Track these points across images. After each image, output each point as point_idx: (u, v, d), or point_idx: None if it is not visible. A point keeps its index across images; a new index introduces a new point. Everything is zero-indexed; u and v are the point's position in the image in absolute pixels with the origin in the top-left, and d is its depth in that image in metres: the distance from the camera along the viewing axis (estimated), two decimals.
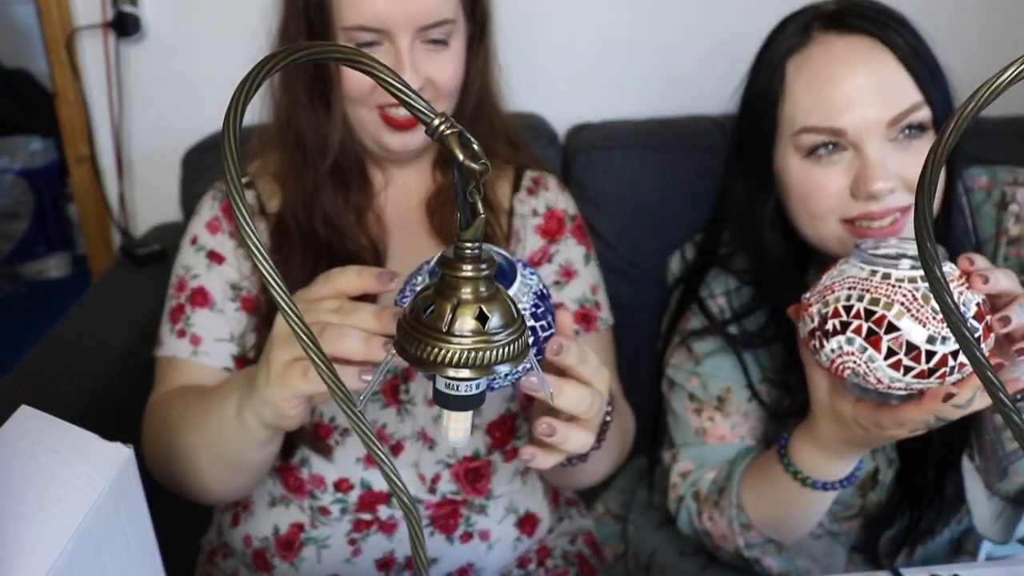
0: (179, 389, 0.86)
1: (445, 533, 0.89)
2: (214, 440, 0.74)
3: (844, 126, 0.72)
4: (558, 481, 0.94)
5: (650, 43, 1.50)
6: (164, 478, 0.84)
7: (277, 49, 0.41)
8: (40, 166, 3.08)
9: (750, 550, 0.86)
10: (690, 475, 0.90)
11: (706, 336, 0.90)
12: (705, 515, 0.88)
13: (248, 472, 0.79)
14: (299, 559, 0.88)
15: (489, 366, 0.47)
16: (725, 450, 0.89)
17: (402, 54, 0.81)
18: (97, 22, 1.44)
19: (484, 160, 0.40)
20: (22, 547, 0.44)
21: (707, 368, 0.90)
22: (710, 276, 0.92)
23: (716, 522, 0.87)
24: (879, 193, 0.72)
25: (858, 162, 0.73)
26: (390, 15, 0.80)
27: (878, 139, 0.73)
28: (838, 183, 0.74)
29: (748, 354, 0.88)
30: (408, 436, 0.88)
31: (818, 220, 0.77)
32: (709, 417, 0.89)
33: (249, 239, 0.36)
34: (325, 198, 0.88)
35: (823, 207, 0.76)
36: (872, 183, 0.71)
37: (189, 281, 0.90)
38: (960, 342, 0.28)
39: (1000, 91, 0.28)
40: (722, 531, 0.86)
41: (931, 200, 0.29)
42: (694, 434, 0.90)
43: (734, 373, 0.88)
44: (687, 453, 0.90)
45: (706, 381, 0.90)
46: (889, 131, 0.73)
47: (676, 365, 0.93)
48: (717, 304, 0.91)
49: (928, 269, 0.27)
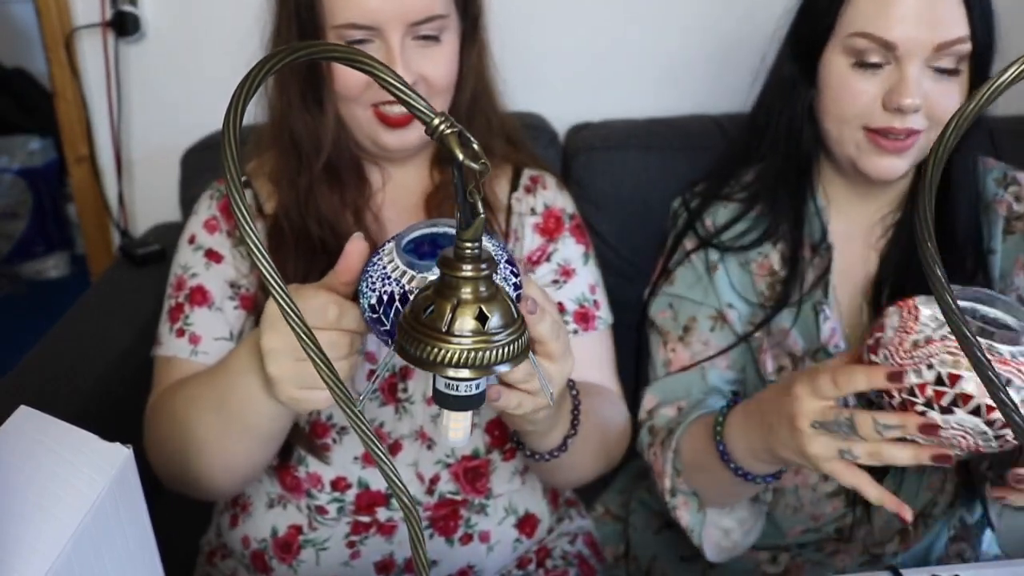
0: (174, 385, 0.85)
1: (445, 535, 0.89)
2: (233, 413, 0.74)
3: (896, 40, 0.79)
4: (549, 478, 0.94)
5: (651, 43, 1.50)
6: (172, 475, 0.84)
7: (273, 50, 0.41)
8: (39, 166, 3.08)
9: (673, 497, 0.88)
10: (655, 410, 0.94)
11: (689, 257, 0.96)
12: (652, 448, 0.91)
13: (268, 443, 0.79)
14: (298, 561, 0.88)
15: (489, 366, 0.47)
16: (684, 380, 0.93)
17: (393, 51, 0.81)
18: (96, 21, 1.43)
19: (484, 160, 0.40)
20: (21, 547, 0.44)
21: (678, 287, 0.96)
22: (706, 211, 0.98)
23: (657, 458, 0.90)
24: (908, 108, 0.79)
25: (896, 76, 0.80)
26: (380, 11, 0.80)
27: (920, 61, 0.79)
28: (872, 92, 0.82)
29: (721, 271, 0.94)
30: (406, 435, 0.88)
31: (844, 123, 0.84)
32: (672, 349, 0.95)
33: (249, 239, 0.36)
34: (320, 197, 0.88)
35: (853, 111, 0.83)
36: (905, 97, 0.79)
37: (188, 280, 0.90)
38: (959, 339, 0.28)
39: (1001, 91, 0.28)
40: (659, 468, 0.90)
41: (931, 200, 0.29)
42: (661, 366, 0.96)
43: (702, 300, 0.94)
44: (653, 388, 0.96)
45: (677, 309, 0.96)
46: (932, 56, 0.79)
47: (655, 298, 0.99)
48: (705, 227, 0.97)
49: (930, 269, 0.27)
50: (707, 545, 0.87)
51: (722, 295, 0.94)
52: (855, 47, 0.82)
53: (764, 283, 0.93)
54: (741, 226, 0.94)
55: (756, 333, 0.92)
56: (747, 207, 0.95)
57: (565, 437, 0.77)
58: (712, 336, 0.94)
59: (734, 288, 0.94)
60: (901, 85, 0.79)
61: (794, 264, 0.90)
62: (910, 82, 0.79)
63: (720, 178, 0.99)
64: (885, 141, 0.82)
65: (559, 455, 0.77)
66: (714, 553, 0.88)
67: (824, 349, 0.90)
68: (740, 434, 0.79)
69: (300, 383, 0.64)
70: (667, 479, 0.88)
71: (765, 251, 0.93)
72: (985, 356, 0.27)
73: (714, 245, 0.94)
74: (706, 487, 0.87)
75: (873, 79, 0.82)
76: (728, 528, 0.88)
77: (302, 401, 0.65)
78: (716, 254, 0.94)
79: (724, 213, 0.96)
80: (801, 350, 0.91)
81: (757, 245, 0.93)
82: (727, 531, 0.88)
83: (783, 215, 0.92)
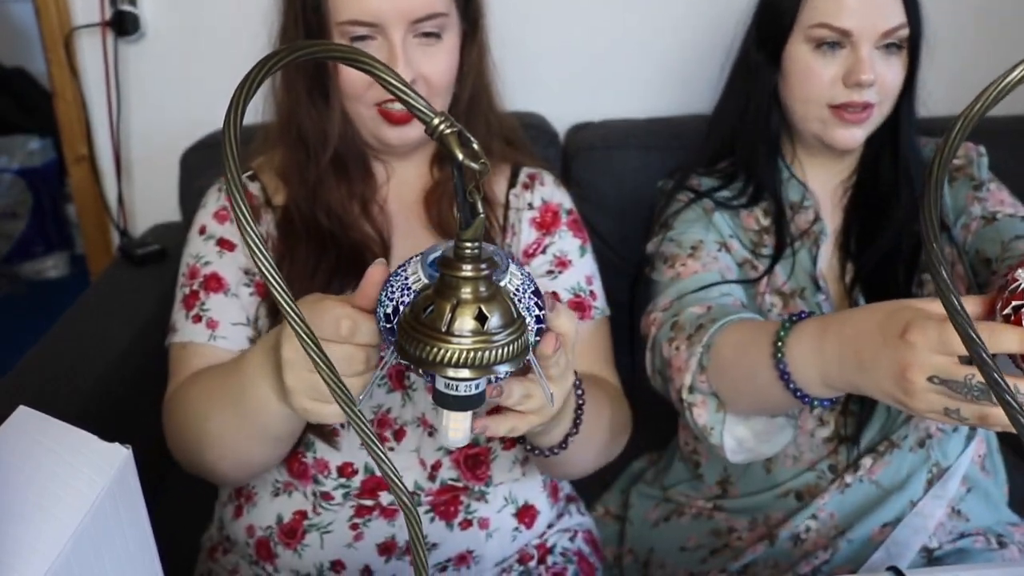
0: (193, 375, 0.86)
1: (445, 519, 0.89)
2: (247, 413, 0.74)
3: (850, 28, 0.94)
4: (548, 471, 0.94)
5: (651, 43, 1.50)
6: (189, 461, 0.85)
7: (274, 49, 0.41)
8: (38, 166, 3.08)
9: (692, 394, 0.87)
10: (670, 307, 0.96)
11: (688, 206, 1.05)
12: (675, 342, 0.90)
13: (281, 442, 0.80)
14: (302, 546, 0.89)
15: (489, 366, 0.47)
16: (700, 279, 0.97)
17: (395, 48, 0.82)
18: (96, 21, 1.43)
19: (484, 159, 0.40)
20: (21, 547, 0.44)
21: (679, 228, 1.04)
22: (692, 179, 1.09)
23: (679, 352, 0.89)
24: (865, 83, 0.94)
25: (852, 58, 0.95)
26: (383, 9, 0.81)
27: (870, 43, 0.94)
28: (832, 72, 0.96)
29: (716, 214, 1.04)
30: (410, 422, 0.88)
31: (810, 102, 0.98)
32: (683, 264, 1.00)
33: (250, 239, 0.36)
34: (328, 190, 0.90)
35: (816, 91, 0.97)
36: (862, 73, 0.93)
37: (201, 268, 0.91)
38: (962, 337, 0.28)
39: (1007, 92, 0.28)
40: (680, 363, 0.88)
41: (937, 199, 0.29)
42: (669, 280, 0.99)
43: (705, 232, 1.03)
44: (664, 295, 0.98)
45: (680, 238, 1.03)
46: (880, 39, 0.95)
47: (654, 242, 1.06)
48: (694, 188, 1.08)
49: (934, 270, 0.27)
50: (726, 448, 0.87)
51: (723, 231, 1.03)
52: (816, 36, 0.96)
53: (754, 234, 1.04)
54: (728, 192, 1.06)
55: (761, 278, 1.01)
56: (728, 181, 1.07)
57: (566, 435, 0.77)
58: (720, 255, 1.01)
59: (731, 229, 1.04)
60: (858, 65, 0.94)
61: (780, 221, 1.03)
62: (865, 62, 0.94)
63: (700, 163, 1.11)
64: (847, 114, 0.96)
65: (559, 452, 0.78)
66: (733, 455, 0.88)
67: (815, 282, 1.01)
68: (812, 359, 0.75)
69: (314, 395, 0.64)
70: (688, 375, 0.86)
71: (750, 210, 1.05)
72: (990, 357, 0.27)
73: (707, 196, 1.05)
74: (738, 394, 0.85)
75: (832, 62, 0.96)
76: (742, 437, 0.87)
77: (313, 413, 0.65)
78: (710, 203, 1.05)
79: (708, 182, 1.08)
80: (789, 289, 1.02)
81: (743, 208, 1.05)
82: (740, 440, 0.87)
83: (763, 185, 1.04)
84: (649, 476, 1.18)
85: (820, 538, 0.98)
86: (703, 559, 1.03)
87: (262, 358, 0.70)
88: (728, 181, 1.07)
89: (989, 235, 0.97)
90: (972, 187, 1.02)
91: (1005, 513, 1.03)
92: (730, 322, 0.86)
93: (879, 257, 1.00)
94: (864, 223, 1.04)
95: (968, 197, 1.02)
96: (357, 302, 0.61)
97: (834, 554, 0.96)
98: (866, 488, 0.98)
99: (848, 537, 0.96)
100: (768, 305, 1.01)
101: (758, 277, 1.01)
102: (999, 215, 0.98)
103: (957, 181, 1.05)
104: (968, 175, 1.04)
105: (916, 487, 0.97)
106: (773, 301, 1.01)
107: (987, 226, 0.98)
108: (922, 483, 0.97)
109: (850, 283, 1.01)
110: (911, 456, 0.98)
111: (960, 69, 1.32)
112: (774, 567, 0.99)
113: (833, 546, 0.96)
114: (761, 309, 1.01)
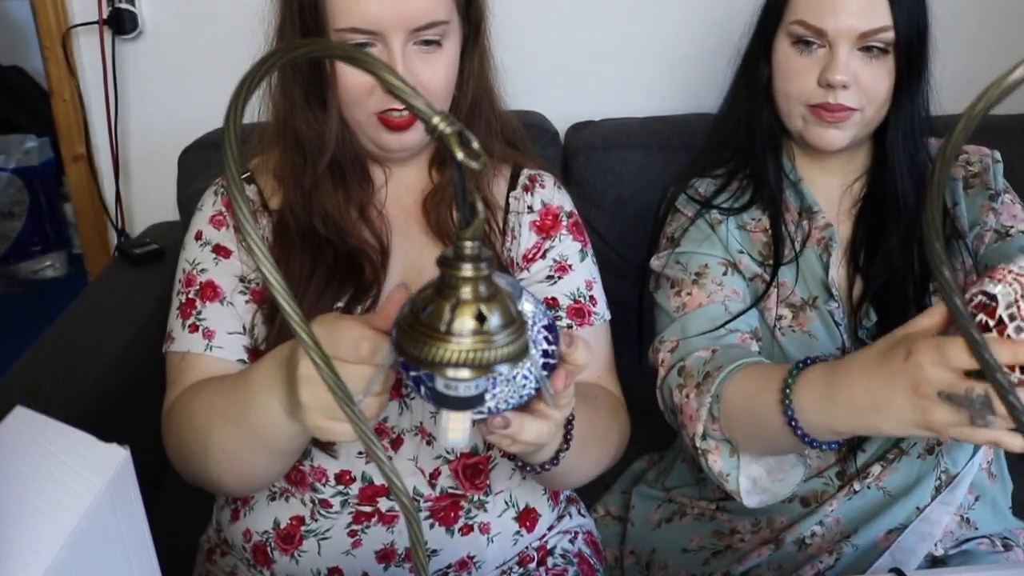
0: (195, 386, 0.85)
1: (445, 525, 0.89)
2: (252, 428, 0.73)
3: (826, 28, 0.93)
4: (543, 484, 0.94)
5: (651, 42, 1.50)
6: (190, 473, 0.84)
7: (274, 48, 0.40)
8: (36, 165, 3.07)
9: (705, 441, 0.87)
10: (677, 348, 0.95)
11: (694, 222, 1.04)
12: (684, 390, 0.90)
13: (285, 457, 0.79)
14: (299, 552, 0.88)
15: (488, 366, 0.46)
16: (705, 313, 0.95)
17: (395, 56, 0.81)
18: (93, 19, 1.43)
19: (483, 159, 0.40)
20: (18, 548, 0.44)
21: (685, 247, 1.02)
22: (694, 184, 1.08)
23: (690, 401, 0.89)
24: (837, 83, 0.92)
25: (828, 58, 0.94)
26: (383, 17, 0.80)
27: (848, 45, 0.93)
28: (809, 71, 0.95)
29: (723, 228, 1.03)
30: (407, 430, 0.88)
31: (790, 99, 0.98)
32: (688, 293, 0.99)
33: (251, 238, 0.35)
34: (325, 195, 0.88)
35: (795, 89, 0.97)
36: (835, 74, 0.92)
37: (197, 276, 0.90)
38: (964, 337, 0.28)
39: (1010, 90, 0.27)
40: (692, 411, 0.89)
41: (939, 200, 0.29)
42: (675, 311, 0.99)
43: (710, 252, 1.01)
44: (670, 331, 0.97)
45: (686, 261, 1.01)
46: (859, 41, 0.93)
47: (660, 259, 1.05)
48: (699, 194, 1.06)
49: (937, 269, 0.27)
50: (742, 491, 0.87)
51: (730, 246, 1.01)
52: (795, 32, 0.96)
53: (761, 243, 1.02)
54: (728, 194, 1.05)
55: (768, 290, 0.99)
56: (729, 180, 1.06)
57: (557, 452, 0.76)
58: (725, 279, 0.99)
59: (739, 244, 1.02)
60: (831, 64, 0.93)
61: (779, 225, 1.01)
62: (839, 62, 0.92)
63: (705, 159, 1.10)
64: (825, 113, 0.95)
65: (550, 468, 0.77)
66: (749, 498, 0.87)
67: (827, 289, 0.98)
68: (821, 406, 0.76)
69: (328, 413, 0.63)
70: (700, 424, 0.87)
71: (756, 215, 1.03)
72: (993, 357, 0.27)
73: (712, 206, 1.03)
74: (749, 439, 0.86)
75: (810, 59, 0.95)
76: (756, 476, 0.88)
77: (326, 431, 0.64)
78: (717, 214, 1.03)
79: (711, 184, 1.06)
80: (799, 300, 1.00)
81: (747, 208, 1.03)
82: (755, 479, 0.88)
83: (764, 185, 1.03)
84: (651, 477, 1.18)
85: (825, 543, 0.98)
86: (705, 560, 1.03)
87: (272, 371, 0.69)
88: (728, 180, 1.05)
89: (1002, 251, 0.96)
90: (988, 196, 1.00)
91: (1012, 522, 1.03)
92: (737, 368, 0.86)
93: (890, 272, 0.98)
94: (873, 234, 1.01)
95: (983, 207, 1.00)
96: (377, 323, 0.61)
97: (839, 559, 0.96)
98: (873, 494, 0.97)
99: (853, 542, 0.96)
100: (777, 316, 0.99)
101: (765, 289, 0.99)
102: (1012, 231, 0.97)
103: (973, 189, 1.02)
104: (984, 184, 1.02)
105: (924, 493, 0.97)
106: (782, 313, 0.99)
107: (999, 241, 0.97)
108: (930, 490, 0.97)
109: (859, 297, 0.99)
110: (920, 463, 0.97)
111: (963, 67, 1.32)
112: (778, 570, 0.99)
113: (838, 551, 0.96)
114: (770, 324, 0.99)
